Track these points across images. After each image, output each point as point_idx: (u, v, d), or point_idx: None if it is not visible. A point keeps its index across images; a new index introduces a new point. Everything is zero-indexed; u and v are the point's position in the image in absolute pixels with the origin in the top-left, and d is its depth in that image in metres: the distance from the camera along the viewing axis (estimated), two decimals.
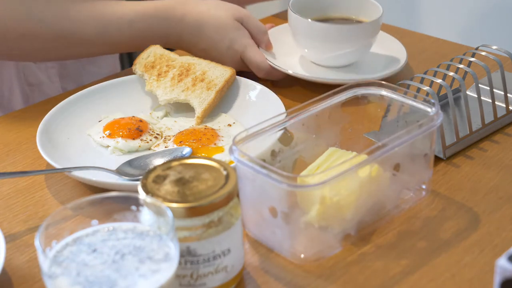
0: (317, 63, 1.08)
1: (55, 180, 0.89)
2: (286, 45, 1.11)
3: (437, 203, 0.82)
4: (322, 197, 0.73)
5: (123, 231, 0.64)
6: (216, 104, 1.00)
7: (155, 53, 1.06)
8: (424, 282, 0.71)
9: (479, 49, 0.98)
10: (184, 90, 1.00)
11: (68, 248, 0.63)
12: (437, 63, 1.10)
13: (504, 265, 0.59)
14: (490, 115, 0.93)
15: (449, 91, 0.88)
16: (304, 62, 1.09)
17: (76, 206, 0.65)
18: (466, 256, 0.74)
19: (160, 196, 0.66)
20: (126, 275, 0.59)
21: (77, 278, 0.59)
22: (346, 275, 0.72)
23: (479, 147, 0.91)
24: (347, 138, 0.87)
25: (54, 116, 0.96)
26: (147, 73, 1.03)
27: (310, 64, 1.08)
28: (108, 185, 0.83)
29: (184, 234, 0.66)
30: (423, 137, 0.78)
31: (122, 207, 0.66)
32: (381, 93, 0.84)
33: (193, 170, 0.69)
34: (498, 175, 0.85)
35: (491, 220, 0.78)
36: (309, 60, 1.09)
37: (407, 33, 1.24)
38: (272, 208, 0.74)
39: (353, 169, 0.72)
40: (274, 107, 0.95)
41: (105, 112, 1.01)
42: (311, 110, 0.81)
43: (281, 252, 0.75)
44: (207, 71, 1.02)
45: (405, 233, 0.77)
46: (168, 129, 0.98)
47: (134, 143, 0.94)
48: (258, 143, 0.77)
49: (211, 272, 0.68)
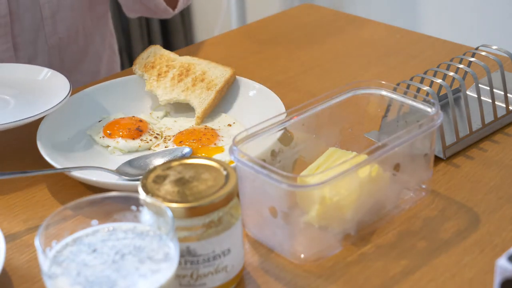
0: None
1: (55, 180, 0.89)
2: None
3: (437, 203, 0.82)
4: (322, 197, 0.73)
5: (123, 231, 0.64)
6: (216, 104, 1.00)
7: (155, 53, 1.06)
8: (424, 282, 0.71)
9: (479, 49, 0.98)
10: (184, 90, 1.00)
11: (68, 248, 0.63)
12: (437, 63, 1.10)
13: (504, 265, 0.59)
14: (490, 115, 0.93)
15: (449, 91, 0.88)
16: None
17: (76, 206, 0.65)
18: (466, 256, 0.74)
19: (160, 196, 0.66)
20: (126, 275, 0.59)
21: (77, 278, 0.59)
22: (346, 275, 0.72)
23: (479, 147, 0.91)
24: (347, 138, 0.87)
25: (54, 116, 0.96)
26: (147, 73, 1.03)
27: None
28: (108, 185, 0.83)
29: (184, 234, 0.66)
30: (423, 137, 0.78)
31: (122, 207, 0.66)
32: (381, 93, 0.84)
33: (193, 170, 0.69)
34: (498, 175, 0.85)
35: (491, 220, 0.78)
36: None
37: (407, 33, 1.24)
38: (272, 208, 0.74)
39: (353, 169, 0.72)
40: (274, 107, 0.95)
41: (105, 112, 1.01)
42: (311, 110, 0.81)
43: (281, 252, 0.75)
44: (207, 71, 1.02)
45: (405, 233, 0.77)
46: (168, 129, 0.98)
47: (134, 143, 0.94)
48: (258, 143, 0.77)
49: (211, 272, 0.68)
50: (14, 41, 1.14)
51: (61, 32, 1.19)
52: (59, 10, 1.17)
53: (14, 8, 1.12)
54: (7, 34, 1.13)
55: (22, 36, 1.15)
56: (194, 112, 0.99)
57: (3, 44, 1.13)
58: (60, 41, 1.19)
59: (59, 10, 1.17)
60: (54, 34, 1.18)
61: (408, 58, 1.14)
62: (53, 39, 1.18)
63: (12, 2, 1.12)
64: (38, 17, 1.15)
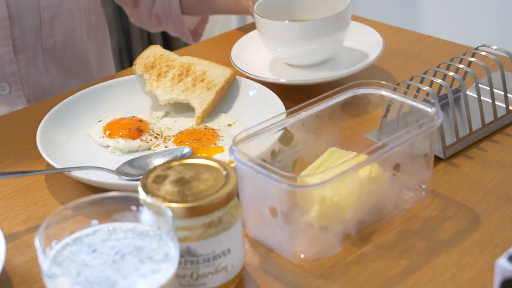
0: (291, 64, 1.07)
1: (55, 180, 0.89)
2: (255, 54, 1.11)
3: (437, 203, 0.82)
4: (322, 197, 0.73)
5: (123, 231, 0.64)
6: (216, 104, 1.00)
7: (155, 53, 1.06)
8: (424, 282, 0.71)
9: (479, 49, 0.98)
10: (184, 90, 1.00)
11: (68, 248, 0.63)
12: (437, 63, 1.09)
13: (504, 265, 0.59)
14: (490, 115, 0.93)
15: (449, 91, 0.88)
16: (279, 66, 1.08)
17: (76, 206, 0.65)
18: (466, 256, 0.74)
19: (160, 196, 0.66)
20: (126, 275, 0.59)
21: (77, 278, 0.59)
22: (346, 275, 0.72)
23: (479, 147, 0.91)
24: (347, 138, 0.87)
25: (54, 116, 0.96)
26: (147, 73, 1.03)
27: (285, 67, 1.07)
28: (108, 185, 0.83)
29: (184, 234, 0.66)
30: (423, 137, 0.78)
31: (122, 207, 0.66)
32: (381, 93, 0.84)
33: (193, 170, 0.69)
34: (498, 175, 0.85)
35: (491, 220, 0.78)
36: (283, 62, 1.08)
37: (407, 33, 1.24)
38: (272, 208, 0.73)
39: (353, 169, 0.72)
40: (274, 107, 0.95)
41: (105, 112, 1.01)
42: (311, 110, 0.81)
43: (281, 252, 0.75)
44: (207, 71, 1.02)
45: (405, 233, 0.77)
46: (168, 129, 0.98)
47: (134, 143, 0.94)
48: (258, 143, 0.77)
49: (211, 272, 0.68)
50: (14, 44, 1.15)
51: (58, 36, 1.20)
52: (58, 14, 1.18)
53: (13, 12, 1.13)
54: (7, 37, 1.14)
55: (21, 39, 1.16)
56: (194, 112, 0.99)
57: (3, 46, 1.14)
58: (55, 45, 1.20)
59: (58, 14, 1.18)
60: (50, 37, 1.19)
61: (408, 58, 1.14)
62: (48, 43, 1.19)
63: (12, 6, 1.13)
64: (37, 20, 1.16)
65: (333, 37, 1.04)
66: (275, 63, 1.09)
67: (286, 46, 1.04)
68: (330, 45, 1.05)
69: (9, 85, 1.17)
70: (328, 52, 1.06)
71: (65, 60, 1.23)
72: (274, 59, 1.10)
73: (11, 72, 1.16)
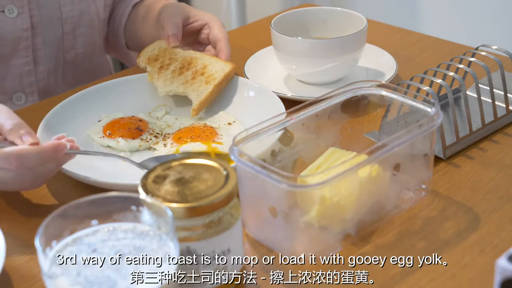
0: (304, 81, 1.07)
1: (55, 180, 0.89)
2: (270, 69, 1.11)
3: (437, 203, 0.82)
4: (322, 197, 0.73)
5: (123, 231, 0.64)
6: (213, 98, 1.00)
7: (160, 46, 1.07)
8: (424, 282, 0.71)
9: (479, 49, 0.98)
10: (183, 83, 1.01)
11: (68, 248, 0.63)
12: (437, 63, 1.10)
13: (504, 265, 0.59)
14: (490, 115, 0.93)
15: (449, 91, 0.88)
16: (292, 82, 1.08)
17: (76, 206, 0.65)
18: (466, 256, 0.74)
19: (160, 196, 0.66)
20: (126, 275, 0.59)
21: (77, 278, 0.59)
22: (346, 275, 0.72)
23: (479, 147, 0.91)
24: (347, 138, 0.87)
25: (54, 116, 0.96)
26: (150, 65, 1.04)
27: (299, 83, 1.07)
28: (108, 185, 0.83)
29: (184, 234, 0.66)
30: (423, 137, 0.78)
31: (122, 207, 0.66)
32: (381, 93, 0.84)
33: (193, 170, 0.69)
34: (498, 175, 0.85)
35: (491, 220, 0.78)
36: (296, 79, 1.08)
37: (407, 33, 1.24)
38: (272, 208, 0.74)
39: (353, 169, 0.72)
40: (274, 107, 0.95)
41: (105, 112, 1.01)
42: (311, 110, 0.81)
43: (281, 252, 0.75)
44: (207, 65, 1.02)
45: (405, 233, 0.77)
46: (168, 126, 0.98)
47: (135, 142, 0.94)
48: (258, 143, 0.77)
49: (211, 272, 0.68)
50: (34, 55, 1.14)
51: (79, 48, 1.19)
52: (79, 26, 1.17)
53: (36, 22, 1.12)
54: (28, 48, 1.13)
55: (43, 50, 1.15)
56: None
57: (23, 57, 1.13)
58: (76, 57, 1.20)
59: (79, 26, 1.17)
60: (72, 49, 1.18)
61: (408, 58, 1.14)
62: (70, 54, 1.19)
63: (35, 17, 1.12)
64: (59, 32, 1.16)
65: (349, 56, 1.03)
66: (288, 80, 1.09)
67: (301, 62, 1.04)
68: (346, 64, 1.05)
69: (25, 96, 1.16)
70: (343, 71, 1.06)
71: (84, 71, 1.23)
72: (287, 76, 1.09)
73: (28, 83, 1.15)
